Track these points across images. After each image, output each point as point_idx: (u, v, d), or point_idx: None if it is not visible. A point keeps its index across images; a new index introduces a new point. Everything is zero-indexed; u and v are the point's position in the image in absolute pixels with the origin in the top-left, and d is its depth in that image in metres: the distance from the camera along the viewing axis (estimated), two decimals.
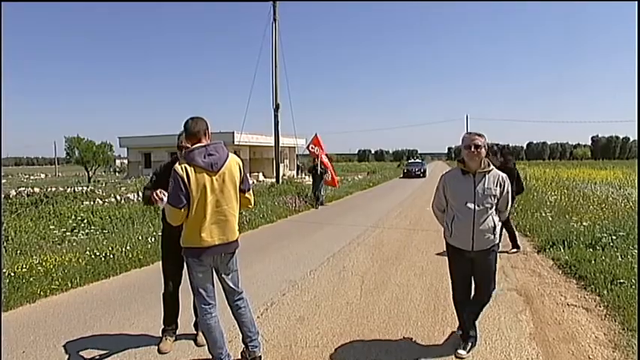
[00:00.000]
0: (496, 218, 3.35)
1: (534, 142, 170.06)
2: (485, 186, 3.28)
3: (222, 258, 3.13)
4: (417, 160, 43.35)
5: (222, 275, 3.19)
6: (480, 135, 3.32)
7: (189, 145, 3.07)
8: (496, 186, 3.30)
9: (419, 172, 32.84)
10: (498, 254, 6.47)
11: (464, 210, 3.31)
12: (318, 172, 14.74)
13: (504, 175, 3.37)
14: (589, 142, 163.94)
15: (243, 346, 3.31)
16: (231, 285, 3.23)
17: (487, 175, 3.31)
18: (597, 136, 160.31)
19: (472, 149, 3.24)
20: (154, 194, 3.20)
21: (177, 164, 2.98)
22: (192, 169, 2.93)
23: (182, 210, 2.92)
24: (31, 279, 5.33)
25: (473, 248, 3.34)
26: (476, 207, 3.27)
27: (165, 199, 3.10)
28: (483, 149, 3.28)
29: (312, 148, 15.44)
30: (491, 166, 3.34)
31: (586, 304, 4.52)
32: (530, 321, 4.12)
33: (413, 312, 4.43)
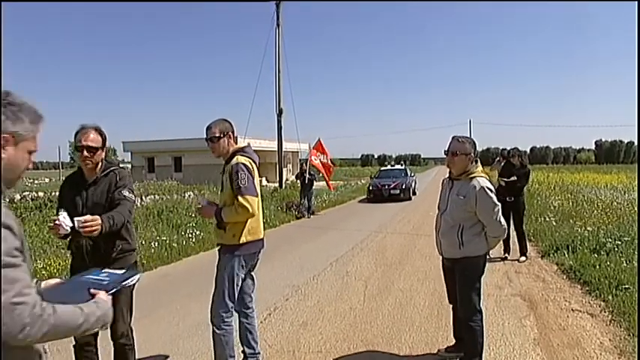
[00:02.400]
0: (471, 231, 3.10)
1: (538, 146, 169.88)
2: (456, 193, 3.15)
3: (259, 254, 3.20)
4: (397, 167, 24.11)
5: (251, 273, 3.23)
6: (458, 140, 3.18)
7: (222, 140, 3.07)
8: (464, 196, 3.07)
9: (397, 191, 17.50)
10: (503, 260, 6.37)
11: (438, 213, 3.38)
12: (306, 179, 13.60)
13: (485, 186, 3.05)
14: (593, 147, 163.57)
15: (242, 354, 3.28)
16: (254, 282, 3.29)
17: (463, 183, 3.13)
18: (601, 140, 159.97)
19: (447, 155, 3.24)
20: (54, 222, 2.47)
21: (241, 158, 2.99)
22: (252, 163, 3.05)
23: (257, 200, 2.97)
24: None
25: (442, 254, 3.37)
26: (443, 212, 3.28)
27: (64, 225, 2.44)
28: (460, 156, 3.12)
29: (314, 159, 14.59)
30: (474, 174, 3.12)
31: (591, 309, 4.49)
32: (535, 326, 4.09)
33: (416, 317, 4.42)
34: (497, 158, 11.03)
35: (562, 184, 19.12)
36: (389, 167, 24.85)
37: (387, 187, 17.64)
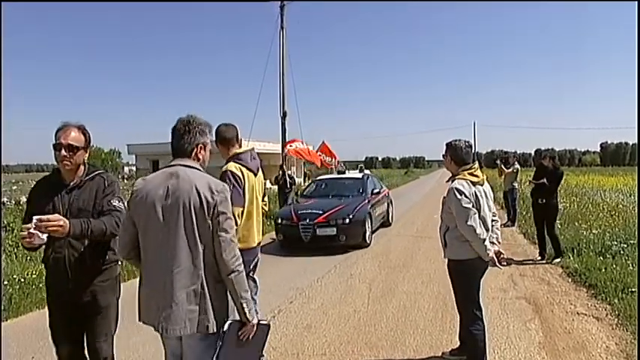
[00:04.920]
0: (454, 233, 3.13)
1: (542, 148, 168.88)
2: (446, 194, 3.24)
3: (254, 263, 3.19)
4: (350, 176, 11.21)
5: (253, 276, 3.24)
6: (446, 144, 3.29)
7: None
8: (445, 196, 3.19)
9: (330, 230, 7.93)
10: (510, 263, 6.32)
11: None
12: (288, 183, 11.72)
13: (454, 187, 3.08)
14: (598, 149, 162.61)
15: None
16: (256, 285, 3.28)
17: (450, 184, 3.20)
18: (607, 142, 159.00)
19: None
20: (28, 231, 2.11)
21: (231, 165, 2.99)
22: (246, 170, 3.03)
23: (241, 210, 2.95)
24: (41, 285, 5.37)
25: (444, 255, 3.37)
26: (440, 213, 3.34)
27: (39, 234, 2.12)
28: (445, 158, 3.27)
29: (289, 147, 13.67)
30: (458, 176, 3.17)
31: (596, 313, 4.46)
32: (540, 330, 4.07)
33: (420, 320, 4.41)
34: (497, 160, 11.03)
35: (567, 187, 19.02)
36: (333, 175, 11.84)
37: (308, 220, 8.13)
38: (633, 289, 4.68)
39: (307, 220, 8.12)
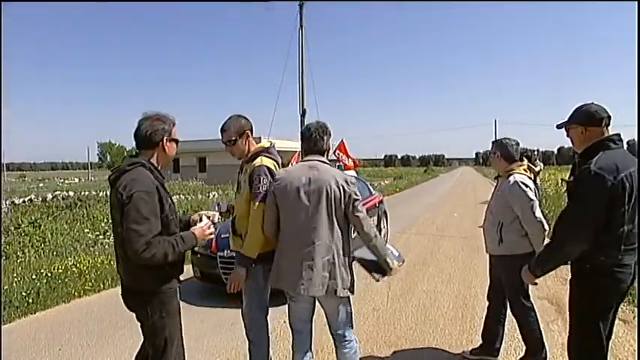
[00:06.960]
0: (511, 227, 3.12)
1: (565, 146, 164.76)
2: (498, 190, 3.29)
3: None
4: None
5: None
6: (492, 142, 3.41)
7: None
8: (501, 191, 3.20)
9: None
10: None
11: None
12: None
13: (519, 181, 3.07)
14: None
15: None
16: None
17: (503, 180, 3.23)
18: (633, 140, 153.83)
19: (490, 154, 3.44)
20: (206, 227, 2.40)
21: (266, 160, 2.72)
22: (278, 166, 2.82)
23: None
24: (66, 280, 5.53)
25: (486, 250, 3.42)
26: (489, 208, 3.36)
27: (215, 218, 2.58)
28: (494, 155, 3.33)
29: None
30: (513, 171, 3.17)
31: (623, 315, 4.34)
32: (563, 331, 3.98)
33: (440, 319, 4.37)
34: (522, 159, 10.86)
35: None
36: None
37: (230, 251, 4.08)
38: None
39: (228, 252, 4.74)
